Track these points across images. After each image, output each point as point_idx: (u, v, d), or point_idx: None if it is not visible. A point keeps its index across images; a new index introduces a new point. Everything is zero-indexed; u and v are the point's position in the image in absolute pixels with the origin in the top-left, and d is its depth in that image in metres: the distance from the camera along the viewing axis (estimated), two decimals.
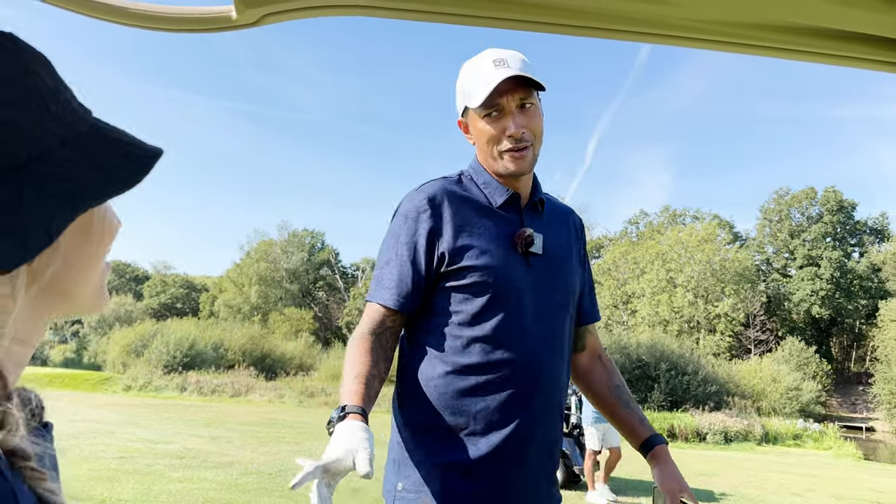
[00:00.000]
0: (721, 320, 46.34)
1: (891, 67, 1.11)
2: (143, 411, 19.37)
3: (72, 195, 0.58)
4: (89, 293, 0.67)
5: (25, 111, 0.56)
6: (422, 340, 1.67)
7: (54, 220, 0.57)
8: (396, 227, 1.68)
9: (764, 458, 20.33)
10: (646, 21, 1.08)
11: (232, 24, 1.03)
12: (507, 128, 1.64)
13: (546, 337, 1.66)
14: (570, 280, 1.77)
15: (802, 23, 1.03)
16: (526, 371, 1.60)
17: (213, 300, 64.31)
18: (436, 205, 1.65)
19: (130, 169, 0.63)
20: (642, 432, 1.81)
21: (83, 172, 0.59)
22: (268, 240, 63.06)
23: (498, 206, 1.70)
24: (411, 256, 1.63)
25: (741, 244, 59.20)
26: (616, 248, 54.45)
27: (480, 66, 1.66)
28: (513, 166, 1.66)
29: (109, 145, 0.63)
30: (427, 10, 1.07)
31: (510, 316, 1.61)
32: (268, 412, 22.54)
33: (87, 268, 0.66)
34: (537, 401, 1.62)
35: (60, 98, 0.61)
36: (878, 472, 18.25)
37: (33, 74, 0.58)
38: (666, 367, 32.07)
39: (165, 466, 9.46)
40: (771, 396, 34.58)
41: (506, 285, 1.61)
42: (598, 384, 1.89)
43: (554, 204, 1.88)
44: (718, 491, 11.42)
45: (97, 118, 0.66)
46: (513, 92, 1.62)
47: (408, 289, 1.63)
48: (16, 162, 0.55)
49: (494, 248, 1.63)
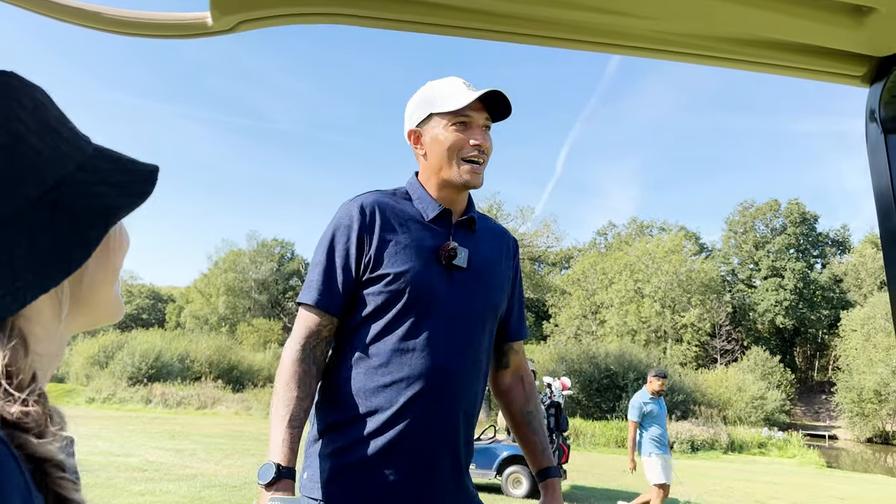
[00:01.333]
0: (688, 330, 46.93)
1: (855, 81, 1.14)
2: (106, 423, 18.97)
3: (101, 211, 0.63)
4: (111, 304, 0.72)
5: (44, 139, 0.61)
6: (341, 342, 1.74)
7: (90, 234, 0.62)
8: (329, 233, 1.74)
9: (730, 466, 20.58)
10: (615, 33, 1.10)
11: (207, 30, 1.03)
12: (474, 137, 1.73)
13: (459, 347, 1.71)
14: (493, 295, 1.82)
15: (769, 37, 1.06)
16: (433, 378, 1.66)
17: (179, 311, 63.42)
18: (367, 214, 1.72)
19: (140, 183, 0.68)
20: (542, 461, 1.93)
21: (103, 191, 0.64)
22: (236, 249, 62.32)
23: (429, 220, 1.77)
24: (342, 262, 1.70)
25: (707, 255, 60.07)
26: (585, 259, 54.86)
27: (453, 83, 1.77)
28: (468, 177, 1.74)
29: (115, 164, 0.68)
30: (399, 19, 1.08)
31: (423, 323, 1.67)
32: (234, 424, 22.25)
33: (108, 281, 0.71)
34: (443, 407, 1.68)
35: (67, 125, 0.66)
36: (840, 479, 18.59)
37: (43, 106, 0.63)
38: (634, 376, 32.33)
39: (126, 479, 9.26)
40: (737, 405, 35.07)
41: (421, 294, 1.68)
42: (514, 405, 1.98)
43: (489, 224, 1.95)
44: (684, 500, 11.54)
45: (95, 143, 0.71)
46: (482, 111, 1.75)
47: (338, 292, 1.69)
48: (45, 187, 0.60)
49: (417, 257, 1.70)
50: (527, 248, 50.79)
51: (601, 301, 49.76)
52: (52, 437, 0.57)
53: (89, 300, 0.69)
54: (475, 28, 1.10)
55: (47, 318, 0.64)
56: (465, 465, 1.78)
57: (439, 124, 1.75)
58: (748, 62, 1.13)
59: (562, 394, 11.79)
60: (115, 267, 0.72)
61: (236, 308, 58.91)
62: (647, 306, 46.82)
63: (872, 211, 1.60)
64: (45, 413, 0.58)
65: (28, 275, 0.58)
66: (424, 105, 1.79)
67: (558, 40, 1.12)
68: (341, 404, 1.67)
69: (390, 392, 1.64)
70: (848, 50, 1.07)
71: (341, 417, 1.66)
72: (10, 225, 0.57)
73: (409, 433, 1.64)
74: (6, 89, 0.61)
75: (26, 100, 0.62)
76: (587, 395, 32.73)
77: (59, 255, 0.60)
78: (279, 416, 1.59)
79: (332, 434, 1.68)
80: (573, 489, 12.04)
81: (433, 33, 1.13)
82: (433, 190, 1.80)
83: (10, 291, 0.57)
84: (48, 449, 0.56)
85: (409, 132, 1.84)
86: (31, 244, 0.58)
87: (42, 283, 0.59)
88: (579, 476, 13.92)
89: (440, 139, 1.75)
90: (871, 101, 1.10)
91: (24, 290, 0.58)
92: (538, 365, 30.12)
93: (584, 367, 33.41)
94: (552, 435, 11.14)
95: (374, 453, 1.62)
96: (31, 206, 0.59)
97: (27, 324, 0.61)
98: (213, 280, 59.93)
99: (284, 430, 1.57)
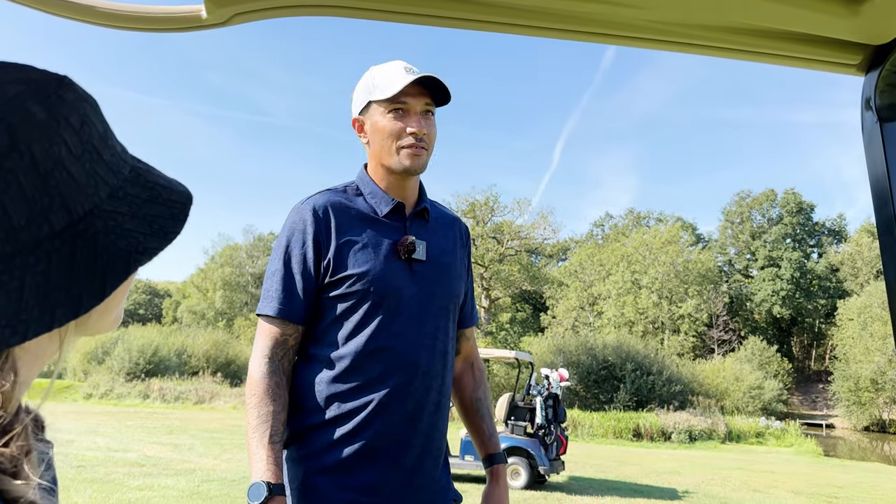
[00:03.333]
0: (685, 321, 46.99)
1: (851, 69, 1.14)
2: (104, 419, 18.98)
3: (124, 254, 0.59)
4: (111, 321, 0.69)
5: (83, 164, 0.57)
6: (306, 348, 1.72)
7: (107, 278, 0.58)
8: (283, 239, 1.71)
9: (727, 456, 20.66)
10: (609, 23, 1.09)
11: (202, 23, 1.02)
12: (411, 125, 1.70)
13: (427, 340, 1.72)
14: (453, 284, 1.83)
15: (764, 25, 1.06)
16: (404, 374, 1.66)
17: (176, 306, 63.36)
18: (321, 216, 1.69)
19: (170, 218, 0.64)
20: (489, 447, 1.93)
21: (131, 227, 0.60)
22: (233, 244, 62.33)
23: (383, 216, 1.75)
24: (300, 268, 1.67)
25: (704, 246, 60.17)
26: (582, 251, 54.88)
27: (392, 69, 1.73)
28: (408, 162, 1.71)
29: (149, 191, 0.64)
30: (393, 10, 1.08)
31: (390, 321, 1.67)
32: (232, 419, 22.27)
33: (116, 304, 0.67)
34: (416, 402, 1.68)
35: (109, 143, 0.62)
36: (837, 467, 18.67)
37: (89, 124, 0.59)
38: (631, 367, 32.42)
39: (125, 475, 9.28)
40: (734, 395, 35.17)
41: (386, 292, 1.67)
42: (463, 391, 1.99)
43: (441, 211, 1.94)
44: (682, 489, 11.59)
45: (133, 156, 0.66)
46: (421, 96, 1.70)
47: (300, 300, 1.67)
48: (73, 218, 0.56)
49: (376, 256, 1.69)
50: (524, 241, 50.79)
51: (598, 292, 49.79)
52: (26, 478, 0.54)
53: (90, 326, 0.65)
54: (469, 19, 1.10)
55: (45, 349, 0.61)
56: (441, 457, 1.79)
57: (377, 111, 1.73)
58: (743, 52, 1.13)
59: (559, 385, 11.83)
60: (125, 292, 0.68)
61: (233, 303, 58.89)
62: (644, 297, 46.87)
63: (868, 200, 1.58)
64: (22, 452, 0.55)
65: (35, 309, 0.54)
66: (364, 93, 1.76)
67: (552, 30, 1.12)
68: (312, 409, 1.66)
69: (362, 393, 1.64)
70: (843, 38, 1.07)
71: (312, 422, 1.65)
72: (27, 254, 0.53)
73: (384, 431, 1.64)
74: (58, 106, 0.57)
75: (74, 118, 0.58)
76: (585, 387, 32.80)
77: (70, 294, 0.56)
78: (259, 433, 1.57)
79: (304, 439, 1.66)
80: (571, 480, 12.08)
81: (426, 25, 1.12)
82: (381, 180, 1.78)
83: (11, 323, 0.53)
84: (21, 490, 0.53)
85: (353, 121, 1.82)
86: (46, 278, 0.54)
87: (47, 321, 0.55)
88: (577, 467, 13.97)
89: (378, 127, 1.73)
90: (867, 89, 1.10)
91: (26, 325, 0.54)
92: (536, 357, 30.18)
93: (581, 359, 33.46)
94: (550, 426, 11.18)
95: (350, 455, 1.62)
96: (53, 237, 0.55)
97: (23, 353, 0.59)
98: (210, 275, 59.90)
99: (267, 447, 1.55)
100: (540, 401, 11.30)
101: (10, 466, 0.54)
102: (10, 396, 0.56)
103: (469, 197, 49.68)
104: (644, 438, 24.60)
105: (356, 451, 1.62)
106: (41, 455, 0.59)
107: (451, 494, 1.82)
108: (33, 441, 0.58)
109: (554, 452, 11.16)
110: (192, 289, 61.87)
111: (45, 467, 0.62)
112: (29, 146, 0.54)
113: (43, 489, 0.57)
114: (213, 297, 58.58)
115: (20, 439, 0.56)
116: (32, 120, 0.55)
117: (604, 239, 60.90)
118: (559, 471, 11.23)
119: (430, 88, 1.71)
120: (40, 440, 0.63)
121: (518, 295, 55.41)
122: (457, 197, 49.86)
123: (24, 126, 0.54)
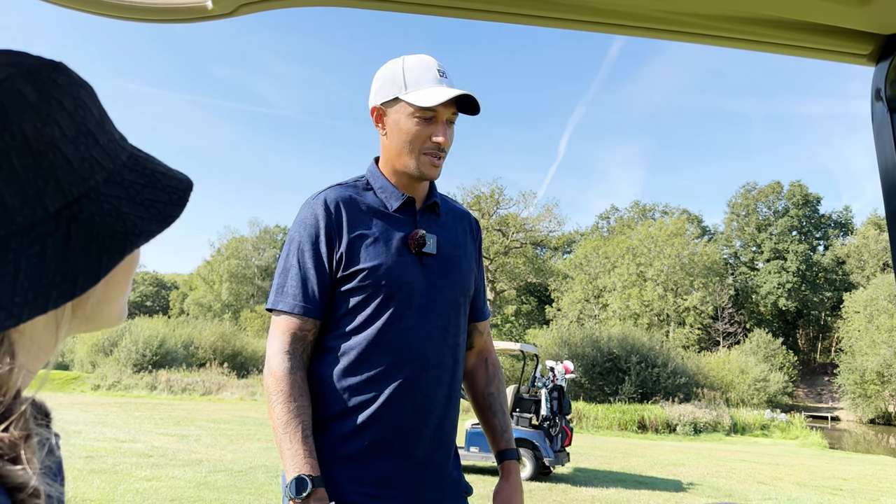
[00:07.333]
0: (690, 313, 46.95)
1: (861, 59, 1.13)
2: (112, 410, 19.07)
3: (119, 235, 0.59)
4: (115, 317, 0.68)
5: (78, 146, 0.57)
6: (320, 341, 1.73)
7: (102, 260, 0.58)
8: (295, 234, 1.72)
9: (732, 447, 20.66)
10: (616, 12, 1.09)
11: (207, 14, 1.02)
12: (437, 134, 1.70)
13: (438, 333, 1.73)
14: (464, 278, 1.84)
15: (773, 15, 1.05)
16: (415, 367, 1.68)
17: (183, 298, 63.57)
18: (332, 211, 1.70)
19: (169, 203, 0.64)
20: (501, 443, 1.92)
21: (127, 210, 0.60)
22: (239, 236, 62.47)
23: (394, 210, 1.76)
24: (314, 263, 1.68)
25: (709, 238, 60.06)
26: (588, 243, 54.83)
27: (425, 68, 1.72)
28: (426, 170, 1.72)
29: (147, 178, 0.64)
30: (398, 0, 1.07)
31: (402, 314, 1.68)
32: (239, 410, 22.35)
33: (117, 298, 0.67)
34: (427, 394, 1.69)
35: (106, 128, 0.62)
36: (842, 460, 18.65)
37: (83, 107, 0.59)
38: (636, 359, 32.40)
39: (133, 465, 9.32)
40: (739, 388, 35.13)
41: (397, 285, 1.68)
42: (476, 386, 1.99)
43: (451, 205, 1.95)
44: (686, 481, 11.59)
45: (133, 145, 0.66)
46: (450, 105, 1.70)
47: (315, 295, 1.68)
48: (67, 199, 0.56)
49: (387, 250, 1.70)
50: (529, 233, 50.72)
51: (604, 285, 49.77)
52: (25, 463, 0.53)
53: (91, 316, 0.65)
54: (475, 9, 1.09)
55: (42, 333, 0.60)
56: (452, 449, 1.80)
57: (405, 111, 1.70)
58: (751, 41, 1.12)
59: (564, 377, 11.83)
60: (126, 280, 0.67)
61: (240, 294, 59.10)
62: (649, 290, 46.83)
63: (875, 192, 1.58)
64: (21, 438, 0.54)
65: (29, 292, 0.54)
66: (393, 85, 1.73)
67: (559, 20, 1.11)
68: (326, 400, 1.67)
69: (374, 385, 1.65)
70: (853, 28, 1.06)
71: (327, 413, 1.67)
72: (22, 236, 0.53)
73: (395, 424, 1.65)
74: (51, 88, 0.57)
75: (68, 100, 0.57)
76: (590, 379, 32.81)
77: (66, 276, 0.55)
78: (292, 428, 1.58)
79: (318, 430, 1.67)
80: (576, 471, 12.10)
81: (430, 14, 1.11)
82: (392, 175, 1.78)
83: (6, 306, 0.53)
84: (22, 476, 0.52)
85: (372, 108, 1.79)
86: (40, 260, 0.54)
87: (42, 303, 0.55)
88: (582, 459, 13.99)
89: (403, 128, 1.71)
90: (877, 79, 1.09)
91: (21, 307, 0.53)
92: (541, 349, 30.19)
93: (586, 351, 33.45)
94: (555, 418, 11.19)
95: (363, 446, 1.64)
96: (47, 219, 0.55)
97: (20, 337, 0.58)
98: (216, 267, 60.10)
99: (302, 441, 1.56)
100: (545, 393, 11.31)
101: (9, 452, 0.53)
102: (7, 380, 0.55)
103: (474, 189, 49.61)
104: (649, 430, 24.59)
105: (369, 443, 1.64)
106: (42, 441, 0.58)
107: (461, 487, 1.83)
108: (34, 426, 0.58)
109: (559, 444, 11.18)
110: (198, 281, 62.10)
111: (48, 452, 0.61)
112: (21, 126, 0.53)
113: (46, 474, 0.57)
114: (220, 289, 58.77)
115: (19, 425, 0.55)
116: (24, 101, 0.54)
117: (609, 231, 60.78)
118: (564, 462, 11.25)
119: (460, 98, 1.70)
120: (42, 426, 0.63)
121: (523, 287, 55.37)
122: (462, 189, 49.82)
123: (16, 107, 0.53)
